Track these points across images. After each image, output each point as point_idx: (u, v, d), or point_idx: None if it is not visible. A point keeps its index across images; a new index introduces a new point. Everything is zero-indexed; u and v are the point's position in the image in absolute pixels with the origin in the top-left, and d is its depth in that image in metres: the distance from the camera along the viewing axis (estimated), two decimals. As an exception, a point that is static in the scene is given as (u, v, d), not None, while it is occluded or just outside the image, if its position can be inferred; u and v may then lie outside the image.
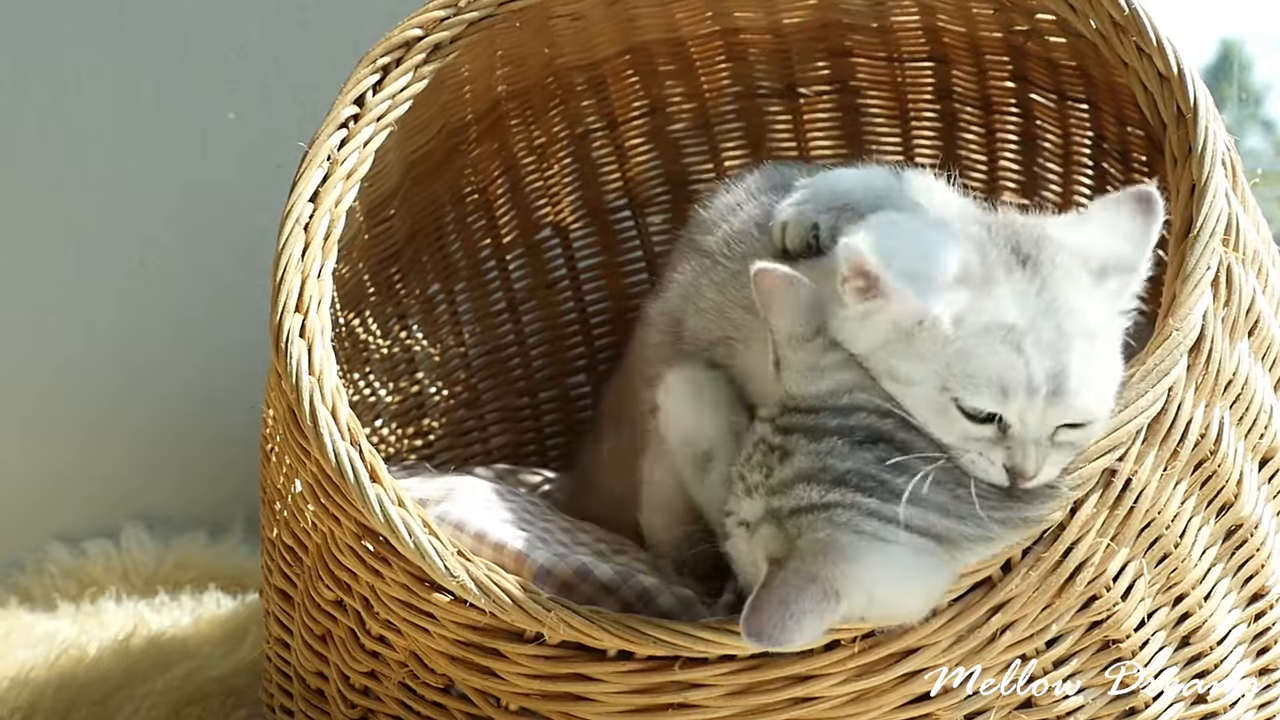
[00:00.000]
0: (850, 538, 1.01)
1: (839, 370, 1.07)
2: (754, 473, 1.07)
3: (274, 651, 1.34)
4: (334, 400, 1.13)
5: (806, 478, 1.04)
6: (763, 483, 1.06)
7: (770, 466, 1.06)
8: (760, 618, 1.00)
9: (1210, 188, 1.10)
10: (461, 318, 1.73)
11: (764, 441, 1.08)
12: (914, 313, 1.04)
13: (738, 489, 1.09)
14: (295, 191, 1.21)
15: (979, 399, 1.03)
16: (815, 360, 1.07)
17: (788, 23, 1.59)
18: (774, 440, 1.07)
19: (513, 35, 1.43)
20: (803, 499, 1.03)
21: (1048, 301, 1.05)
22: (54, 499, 1.99)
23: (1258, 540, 1.17)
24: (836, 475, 1.03)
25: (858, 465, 1.03)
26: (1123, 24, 1.17)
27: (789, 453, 1.05)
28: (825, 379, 1.07)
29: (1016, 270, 1.07)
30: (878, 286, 1.05)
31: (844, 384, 1.06)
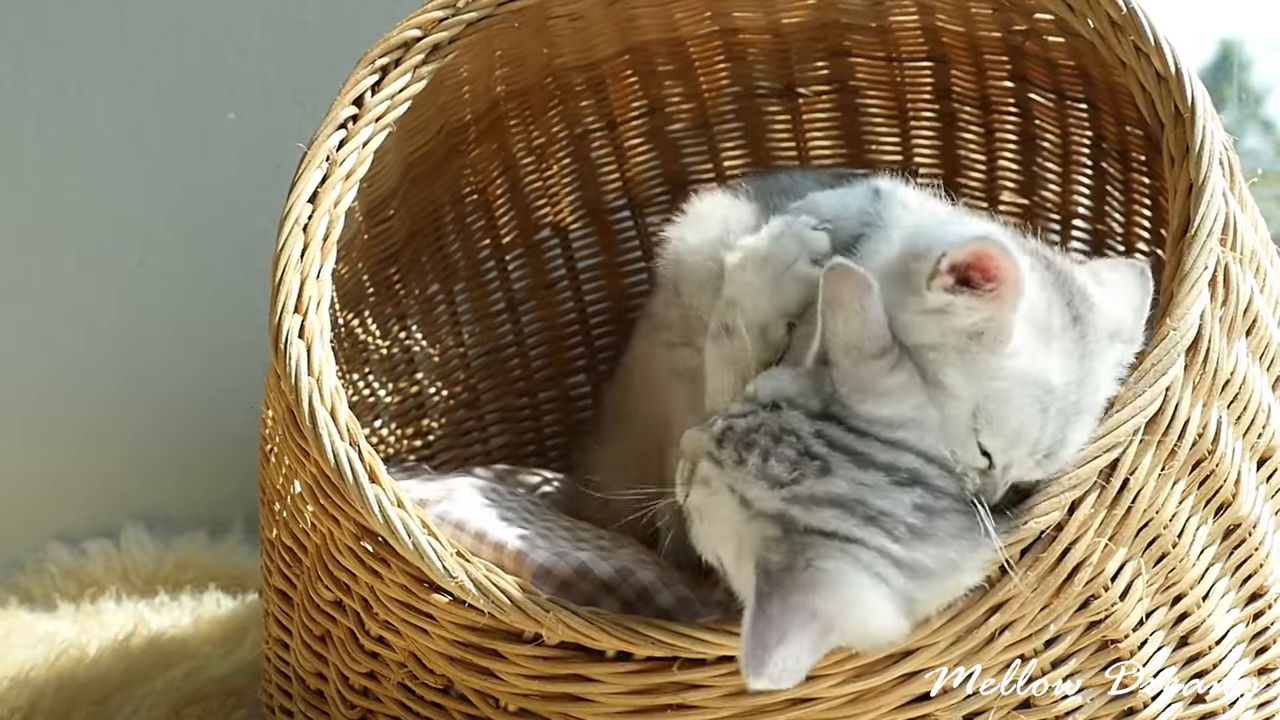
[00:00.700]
0: (865, 580, 1.00)
1: (900, 400, 1.04)
2: (779, 465, 1.03)
3: (273, 652, 1.35)
4: (333, 401, 1.13)
5: (840, 504, 1.01)
6: (788, 485, 1.02)
7: (802, 473, 1.02)
8: (764, 660, 0.97)
9: (1208, 187, 1.10)
10: (461, 318, 1.73)
11: (799, 439, 1.03)
12: (1004, 329, 1.03)
13: (750, 463, 1.04)
14: (294, 192, 1.21)
15: (993, 441, 1.05)
16: (877, 381, 1.04)
17: (787, 23, 1.59)
18: (814, 447, 1.03)
19: (511, 36, 1.43)
20: (828, 525, 1.01)
21: (1085, 371, 1.07)
22: (54, 499, 1.99)
23: (1256, 539, 1.16)
24: (871, 514, 1.01)
25: (893, 508, 1.01)
26: (1121, 24, 1.17)
27: (828, 470, 1.02)
28: (885, 405, 1.04)
29: (1070, 329, 1.08)
30: (1001, 281, 1.02)
31: (902, 417, 1.04)
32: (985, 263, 1.02)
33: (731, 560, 1.05)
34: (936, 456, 1.04)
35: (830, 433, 1.03)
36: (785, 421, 1.04)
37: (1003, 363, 1.04)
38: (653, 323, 1.43)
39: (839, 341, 1.04)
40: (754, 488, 1.04)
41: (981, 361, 1.04)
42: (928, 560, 1.01)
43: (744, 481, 1.04)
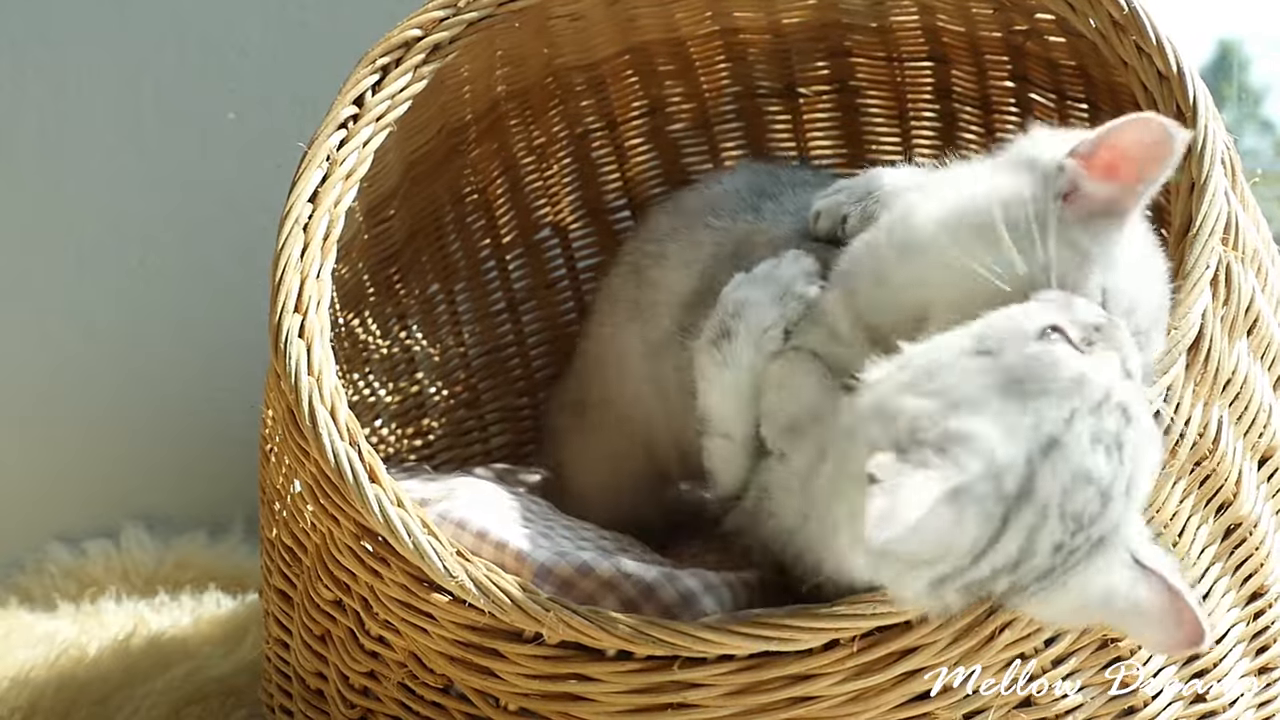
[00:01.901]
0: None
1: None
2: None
3: (273, 652, 1.35)
4: (333, 401, 1.13)
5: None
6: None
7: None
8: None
9: (1210, 187, 1.10)
10: (461, 318, 1.73)
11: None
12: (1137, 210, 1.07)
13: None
14: (294, 192, 1.21)
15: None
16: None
17: (787, 23, 1.59)
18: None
19: (512, 35, 1.43)
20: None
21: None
22: (54, 499, 1.99)
23: (1256, 539, 1.16)
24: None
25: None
26: (1122, 23, 1.17)
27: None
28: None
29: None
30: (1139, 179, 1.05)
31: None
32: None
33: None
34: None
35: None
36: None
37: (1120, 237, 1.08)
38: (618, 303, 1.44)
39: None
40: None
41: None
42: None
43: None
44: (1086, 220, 1.07)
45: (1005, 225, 1.05)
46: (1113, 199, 1.06)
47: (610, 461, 1.50)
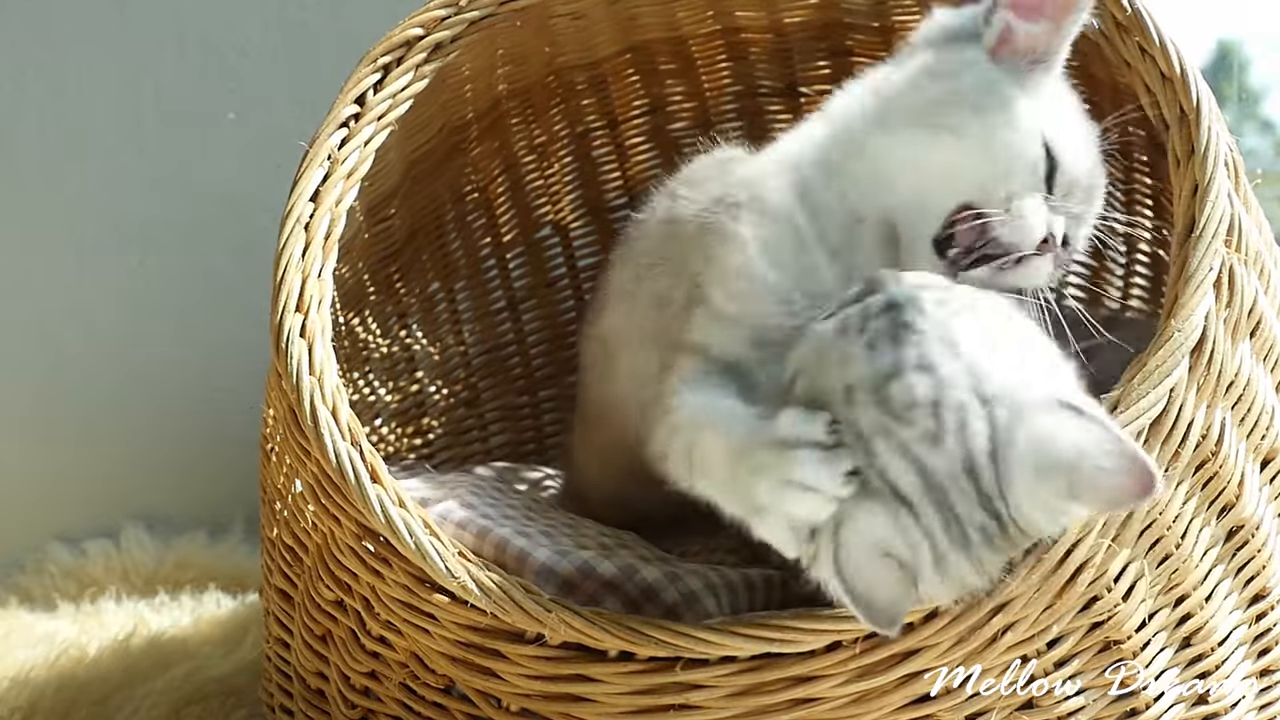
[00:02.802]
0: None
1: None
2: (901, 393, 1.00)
3: (274, 652, 1.34)
4: (334, 400, 1.13)
5: (925, 477, 1.00)
6: (896, 415, 1.00)
7: (914, 420, 0.99)
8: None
9: (1213, 188, 1.10)
10: (461, 316, 1.73)
11: (949, 402, 0.99)
12: (1059, 41, 1.20)
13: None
14: (296, 191, 1.20)
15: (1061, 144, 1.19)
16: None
17: (789, 22, 1.59)
18: (946, 412, 0.99)
19: (513, 34, 1.43)
20: (904, 487, 1.00)
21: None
22: (54, 499, 1.99)
23: (1259, 541, 1.16)
24: (944, 505, 1.00)
25: (965, 514, 1.00)
26: (1125, 24, 1.17)
27: (940, 439, 0.99)
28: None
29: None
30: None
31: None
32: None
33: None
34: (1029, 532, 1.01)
35: (976, 429, 0.99)
36: (954, 376, 1.00)
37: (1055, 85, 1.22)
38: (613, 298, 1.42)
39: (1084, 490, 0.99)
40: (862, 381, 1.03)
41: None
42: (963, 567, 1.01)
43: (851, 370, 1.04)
44: (1019, 69, 1.19)
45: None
46: (1041, 37, 1.19)
47: (600, 454, 1.50)
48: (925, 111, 1.20)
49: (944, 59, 1.22)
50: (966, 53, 1.22)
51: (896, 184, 1.19)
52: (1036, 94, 1.19)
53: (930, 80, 1.21)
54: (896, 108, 1.22)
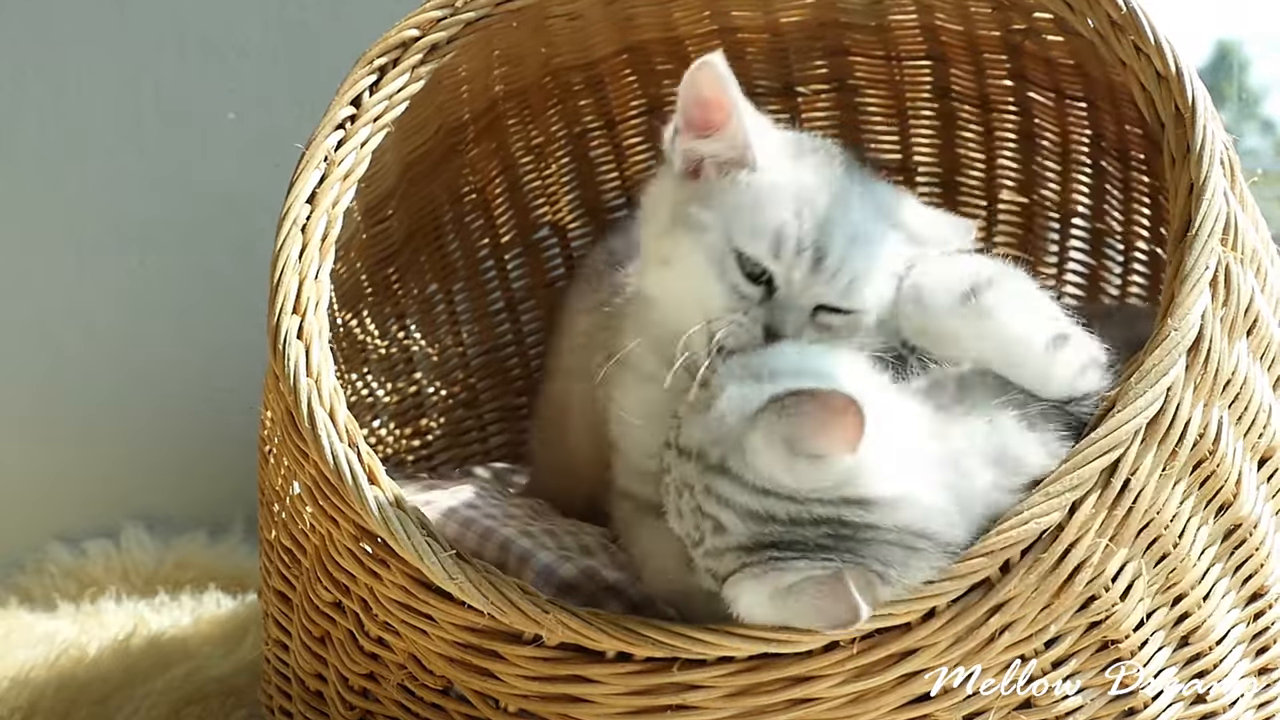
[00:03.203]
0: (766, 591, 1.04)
1: (811, 475, 1.05)
2: (685, 523, 1.09)
3: (273, 653, 1.34)
4: (332, 402, 1.13)
5: (743, 549, 1.05)
6: (697, 544, 1.08)
7: (703, 532, 1.07)
8: None
9: (1209, 187, 1.10)
10: (460, 317, 1.73)
11: (693, 496, 1.07)
12: (741, 145, 1.19)
13: (670, 511, 1.11)
14: (292, 193, 1.20)
15: (754, 244, 1.16)
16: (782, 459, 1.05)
17: (785, 21, 1.59)
18: (706, 505, 1.06)
19: (510, 35, 1.43)
20: (733, 566, 1.05)
21: (839, 189, 1.20)
22: (54, 499, 1.99)
23: (1257, 540, 1.16)
24: (776, 544, 1.04)
25: (799, 538, 1.04)
26: (1121, 23, 1.17)
27: (723, 529, 1.05)
28: (790, 477, 1.04)
29: (827, 162, 1.23)
30: (725, 110, 1.18)
31: (809, 487, 1.04)
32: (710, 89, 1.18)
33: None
34: (854, 498, 1.04)
35: (721, 490, 1.05)
36: (684, 475, 1.08)
37: (750, 178, 1.19)
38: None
39: (788, 437, 1.03)
40: (682, 538, 1.10)
41: (722, 189, 1.19)
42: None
43: (675, 524, 1.11)
44: (716, 183, 1.21)
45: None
46: (722, 148, 1.20)
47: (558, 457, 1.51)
48: (649, 250, 1.26)
49: (649, 195, 1.28)
50: (665, 184, 1.25)
51: (664, 319, 1.23)
52: (738, 198, 1.19)
53: (647, 220, 1.27)
54: (643, 249, 1.29)
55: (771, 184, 1.20)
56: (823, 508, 1.03)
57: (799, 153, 1.24)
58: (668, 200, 1.23)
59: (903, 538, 1.04)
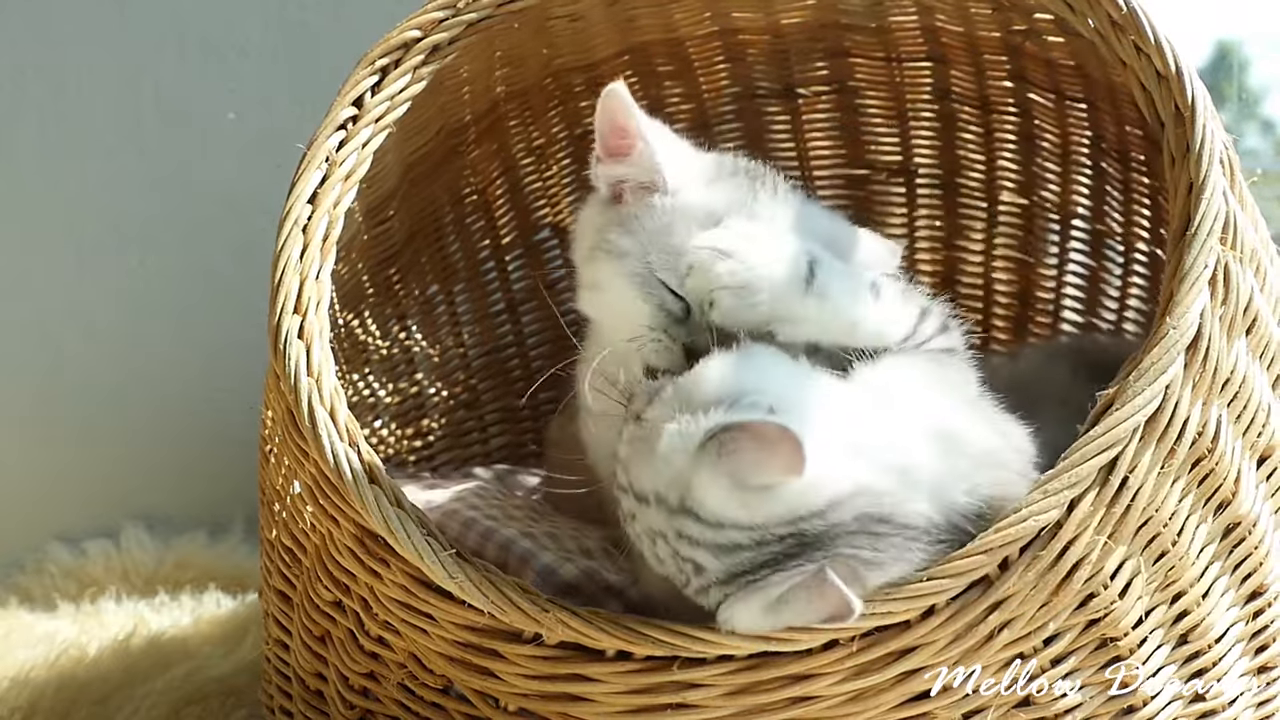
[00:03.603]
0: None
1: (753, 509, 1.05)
2: (666, 566, 1.08)
3: (273, 652, 1.35)
4: (332, 402, 1.13)
5: (727, 581, 1.05)
6: (682, 585, 1.07)
7: (686, 574, 1.06)
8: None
9: (1208, 186, 1.10)
10: (460, 318, 1.73)
11: (667, 542, 1.07)
12: (649, 168, 1.23)
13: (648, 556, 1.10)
14: (293, 193, 1.21)
15: (666, 272, 1.20)
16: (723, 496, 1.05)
17: (786, 23, 1.59)
18: (681, 549, 1.06)
19: (511, 36, 1.43)
20: (720, 597, 1.06)
21: (758, 215, 1.24)
22: (54, 499, 1.99)
23: (1256, 538, 1.16)
24: (751, 568, 1.05)
25: (769, 556, 1.04)
26: (1121, 23, 1.17)
27: (701, 569, 1.06)
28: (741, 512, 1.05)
29: (745, 184, 1.26)
30: (630, 136, 1.23)
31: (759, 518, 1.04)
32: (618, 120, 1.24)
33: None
34: (805, 514, 1.04)
35: (690, 532, 1.05)
36: (651, 523, 1.08)
37: (664, 202, 1.24)
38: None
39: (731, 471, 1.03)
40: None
41: (638, 217, 1.24)
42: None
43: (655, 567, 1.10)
44: (637, 206, 1.25)
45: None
46: (635, 172, 1.25)
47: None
48: (580, 274, 1.31)
49: (579, 221, 1.34)
50: (591, 210, 1.31)
51: (600, 339, 1.30)
52: (654, 222, 1.23)
53: (576, 245, 1.33)
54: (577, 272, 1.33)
55: (684, 207, 1.24)
56: (783, 527, 1.04)
57: (717, 176, 1.28)
58: (592, 225, 1.29)
59: (864, 524, 1.04)
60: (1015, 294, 1.75)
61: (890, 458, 1.08)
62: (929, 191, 1.72)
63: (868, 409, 1.11)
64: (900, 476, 1.07)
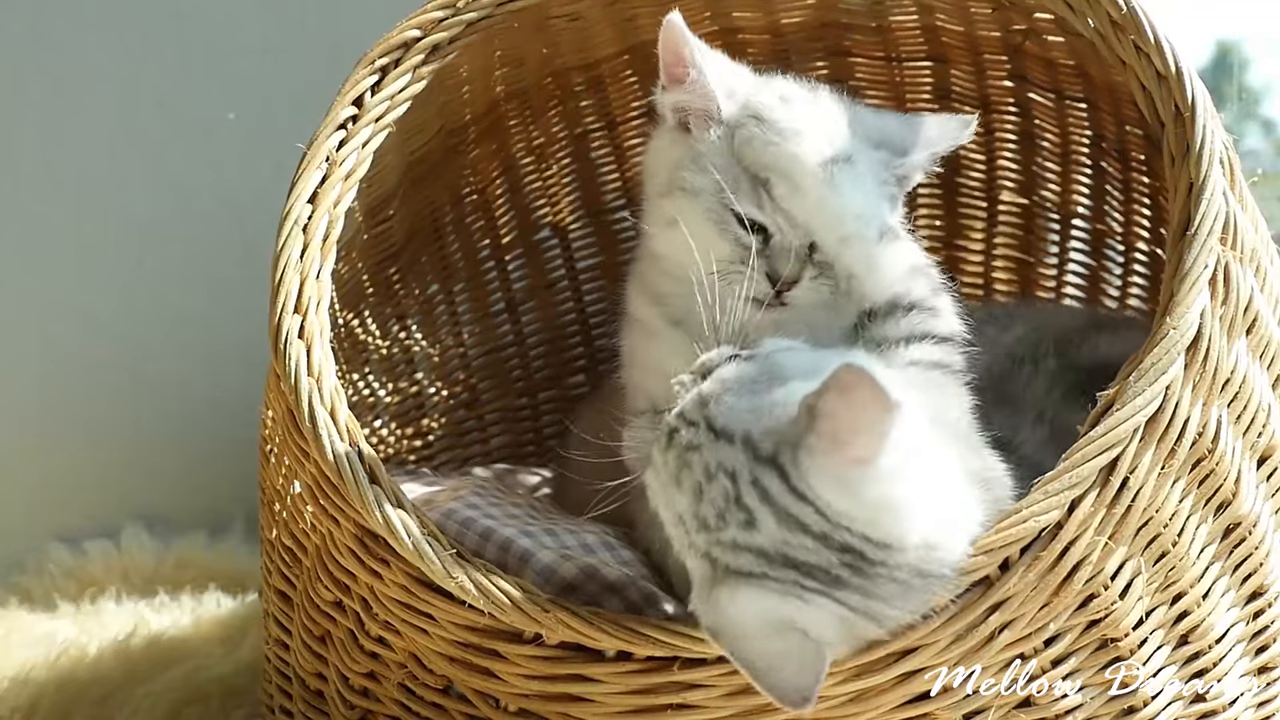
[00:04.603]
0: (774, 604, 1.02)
1: (863, 504, 1.00)
2: (708, 508, 1.02)
3: (273, 652, 1.35)
4: (333, 401, 1.13)
5: (762, 554, 1.01)
6: (713, 530, 1.02)
7: (727, 522, 1.01)
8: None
9: (1208, 186, 1.10)
10: (460, 318, 1.73)
11: (734, 484, 1.01)
12: (705, 95, 1.25)
13: (685, 488, 1.04)
14: (294, 193, 1.21)
15: (744, 204, 1.23)
16: (852, 483, 1.00)
17: (786, 23, 1.59)
18: (746, 498, 1.01)
19: (511, 36, 1.43)
20: (748, 567, 1.01)
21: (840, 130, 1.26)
22: (54, 499, 1.99)
23: (1256, 538, 1.16)
24: (794, 562, 1.01)
25: (819, 561, 1.00)
26: (1121, 23, 1.17)
27: (754, 524, 1.01)
28: (846, 500, 1.00)
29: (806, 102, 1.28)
30: (685, 64, 1.25)
31: (854, 515, 1.00)
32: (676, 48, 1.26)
33: (675, 548, 1.07)
34: (877, 539, 1.01)
35: (769, 485, 1.01)
36: (724, 459, 1.02)
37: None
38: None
39: (831, 433, 0.99)
40: (686, 514, 1.04)
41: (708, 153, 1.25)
42: (853, 603, 1.02)
43: (677, 503, 1.05)
44: (703, 137, 1.26)
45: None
46: (692, 100, 1.26)
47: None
48: (654, 211, 1.31)
49: (650, 152, 1.35)
50: (661, 141, 1.32)
51: (674, 272, 1.30)
52: (723, 157, 1.25)
53: (648, 179, 1.34)
54: (647, 207, 1.35)
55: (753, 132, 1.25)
56: (850, 536, 1.00)
57: (775, 102, 1.28)
58: (665, 161, 1.30)
59: (908, 578, 1.02)
60: (1015, 293, 1.75)
61: (952, 510, 1.05)
62: (929, 191, 1.72)
63: (939, 450, 1.07)
64: (957, 529, 1.05)
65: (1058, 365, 1.42)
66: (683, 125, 1.29)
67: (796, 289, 1.24)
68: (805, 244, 1.24)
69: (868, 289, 1.25)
